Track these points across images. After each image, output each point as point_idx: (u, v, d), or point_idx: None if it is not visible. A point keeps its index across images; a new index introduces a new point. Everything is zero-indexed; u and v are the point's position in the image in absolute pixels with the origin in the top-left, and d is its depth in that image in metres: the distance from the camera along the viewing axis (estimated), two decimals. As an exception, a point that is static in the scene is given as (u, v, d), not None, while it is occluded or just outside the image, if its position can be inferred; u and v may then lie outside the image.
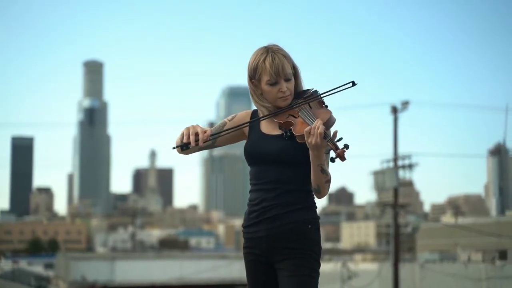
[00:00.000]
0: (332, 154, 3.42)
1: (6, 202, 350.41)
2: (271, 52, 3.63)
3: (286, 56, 3.65)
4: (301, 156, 3.58)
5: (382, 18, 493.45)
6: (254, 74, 3.67)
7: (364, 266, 35.62)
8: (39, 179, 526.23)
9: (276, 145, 3.61)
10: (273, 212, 3.60)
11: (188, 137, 3.49)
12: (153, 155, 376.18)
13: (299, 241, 3.58)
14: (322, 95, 3.62)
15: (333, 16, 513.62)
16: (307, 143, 3.45)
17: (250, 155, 3.67)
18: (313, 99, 3.61)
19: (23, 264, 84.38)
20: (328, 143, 3.35)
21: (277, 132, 3.63)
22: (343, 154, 3.30)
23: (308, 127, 3.43)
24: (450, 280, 29.26)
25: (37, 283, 59.76)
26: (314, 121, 3.47)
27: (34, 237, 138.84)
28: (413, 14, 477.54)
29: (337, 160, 3.37)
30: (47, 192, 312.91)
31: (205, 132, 3.50)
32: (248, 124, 3.70)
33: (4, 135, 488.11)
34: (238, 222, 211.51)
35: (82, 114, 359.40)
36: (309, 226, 3.61)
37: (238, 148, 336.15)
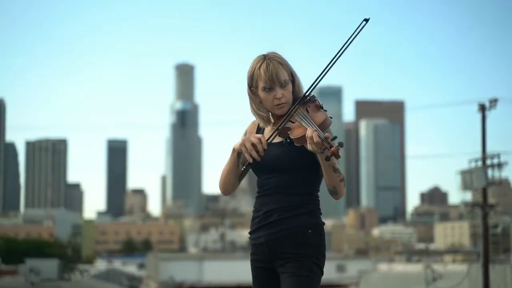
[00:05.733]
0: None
1: (102, 203, 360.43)
2: (267, 59, 3.68)
3: (282, 63, 3.68)
4: (300, 162, 3.61)
5: (468, 15, 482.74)
6: (251, 82, 3.71)
7: (453, 267, 34.87)
8: (133, 181, 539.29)
9: (275, 153, 3.63)
10: (274, 217, 3.64)
11: (250, 154, 3.57)
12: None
13: (299, 246, 3.60)
14: (341, 50, 3.58)
15: (421, 15, 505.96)
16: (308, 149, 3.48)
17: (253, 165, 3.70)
18: (301, 100, 3.62)
19: (117, 264, 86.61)
20: (323, 143, 3.36)
21: (277, 139, 3.65)
22: (337, 152, 3.32)
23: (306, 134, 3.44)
24: (544, 282, 28.31)
25: (129, 283, 61.18)
26: (310, 123, 3.49)
27: (129, 238, 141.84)
28: (499, 9, 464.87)
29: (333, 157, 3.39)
30: (141, 194, 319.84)
31: (259, 138, 3.58)
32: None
33: (100, 138, 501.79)
34: (329, 223, 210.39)
35: (174, 116, 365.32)
36: (309, 231, 3.62)
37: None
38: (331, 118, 3.65)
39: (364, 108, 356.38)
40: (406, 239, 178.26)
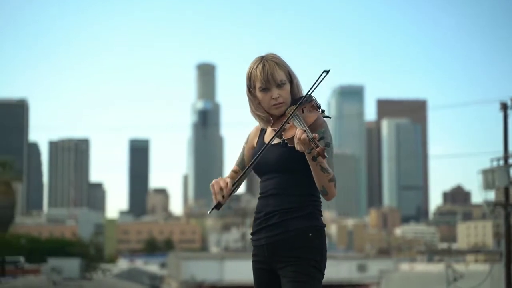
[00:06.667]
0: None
1: (125, 203, 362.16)
2: (264, 60, 3.73)
3: (278, 64, 3.71)
4: (299, 163, 3.61)
5: (491, 14, 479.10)
6: (250, 83, 3.76)
7: (475, 267, 34.62)
8: (155, 180, 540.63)
9: (274, 154, 3.66)
10: (274, 219, 3.67)
11: (216, 196, 3.59)
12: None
13: (299, 249, 3.62)
14: (304, 97, 3.64)
15: (443, 15, 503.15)
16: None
17: (253, 166, 3.73)
18: (299, 104, 3.63)
19: (139, 263, 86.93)
20: (311, 143, 3.37)
21: (276, 140, 3.66)
22: (323, 152, 3.32)
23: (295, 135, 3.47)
24: None
25: (151, 282, 61.37)
26: (301, 124, 3.50)
27: (151, 237, 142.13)
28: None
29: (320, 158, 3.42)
30: (163, 193, 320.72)
31: (226, 183, 3.59)
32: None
33: (123, 138, 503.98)
34: (351, 222, 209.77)
35: (196, 116, 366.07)
36: (310, 234, 3.63)
37: (348, 147, 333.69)
38: (329, 118, 3.69)
39: (386, 107, 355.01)
40: (429, 238, 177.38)
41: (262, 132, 3.86)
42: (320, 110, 3.67)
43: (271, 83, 3.67)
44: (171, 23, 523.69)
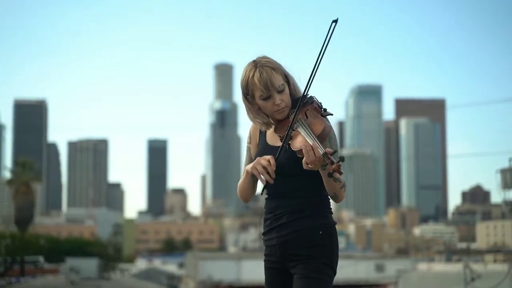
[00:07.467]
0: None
1: (143, 203, 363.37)
2: (259, 66, 3.65)
3: (274, 68, 3.64)
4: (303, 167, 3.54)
5: (509, 13, 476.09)
6: (247, 91, 3.70)
7: (494, 266, 34.40)
8: (173, 180, 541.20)
9: (280, 157, 3.57)
10: (283, 219, 3.65)
11: (264, 177, 3.54)
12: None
13: (310, 247, 3.61)
14: (319, 58, 3.63)
15: (464, 14, 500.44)
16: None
17: None
18: (299, 107, 3.53)
19: (157, 263, 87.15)
20: (325, 159, 3.28)
21: (280, 143, 3.59)
22: (339, 169, 3.26)
23: (303, 152, 3.36)
24: None
25: (168, 281, 61.49)
26: (309, 134, 3.42)
27: (169, 237, 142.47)
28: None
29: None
30: (181, 193, 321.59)
31: (268, 161, 3.54)
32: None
33: (141, 138, 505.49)
34: (369, 222, 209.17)
35: (214, 116, 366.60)
36: (320, 232, 3.62)
37: (367, 147, 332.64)
38: (331, 115, 3.61)
39: (405, 106, 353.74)
40: (448, 238, 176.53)
41: (262, 132, 3.82)
42: (322, 109, 3.60)
43: (272, 90, 3.61)
44: (189, 23, 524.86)
